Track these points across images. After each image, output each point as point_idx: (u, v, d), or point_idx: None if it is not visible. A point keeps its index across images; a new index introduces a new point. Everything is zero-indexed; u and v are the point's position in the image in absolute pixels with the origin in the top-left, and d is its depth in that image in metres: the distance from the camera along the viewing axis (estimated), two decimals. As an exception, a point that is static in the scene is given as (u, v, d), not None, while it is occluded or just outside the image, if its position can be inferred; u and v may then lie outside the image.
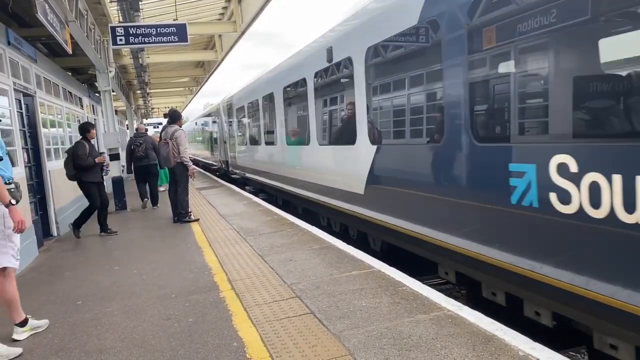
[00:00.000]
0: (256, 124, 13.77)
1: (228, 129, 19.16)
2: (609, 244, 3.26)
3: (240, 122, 16.44)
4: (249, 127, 14.99)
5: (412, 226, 5.72)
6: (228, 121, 19.04)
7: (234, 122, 17.63)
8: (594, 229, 3.33)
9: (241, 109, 15.97)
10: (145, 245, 7.75)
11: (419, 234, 5.56)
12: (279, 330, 3.89)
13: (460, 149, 4.76)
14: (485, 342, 3.40)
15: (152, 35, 11.00)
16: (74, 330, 4.33)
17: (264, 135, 12.89)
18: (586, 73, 3.58)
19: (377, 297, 4.45)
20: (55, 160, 9.96)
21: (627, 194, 3.07)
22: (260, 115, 13.22)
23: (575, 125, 3.56)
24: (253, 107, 13.99)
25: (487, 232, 4.49)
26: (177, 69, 25.60)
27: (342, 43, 7.41)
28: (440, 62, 4.96)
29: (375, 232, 6.99)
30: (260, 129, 13.23)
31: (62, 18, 8.03)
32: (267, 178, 12.88)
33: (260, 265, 5.86)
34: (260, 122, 13.26)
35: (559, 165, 3.55)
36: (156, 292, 5.23)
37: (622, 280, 3.21)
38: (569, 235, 3.58)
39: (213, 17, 16.82)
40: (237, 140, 17.20)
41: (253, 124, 14.31)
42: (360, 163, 6.86)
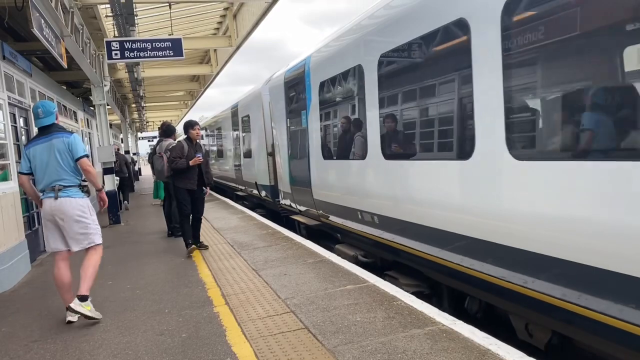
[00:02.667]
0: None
1: (285, 131, 9.95)
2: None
3: (328, 114, 7.92)
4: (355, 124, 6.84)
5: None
6: (287, 116, 9.81)
7: (309, 116, 8.43)
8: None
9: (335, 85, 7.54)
10: (139, 259, 7.71)
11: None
12: (272, 346, 3.88)
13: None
14: (479, 356, 3.39)
15: (148, 50, 11.04)
16: (67, 346, 4.29)
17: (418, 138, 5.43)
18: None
19: (372, 311, 4.44)
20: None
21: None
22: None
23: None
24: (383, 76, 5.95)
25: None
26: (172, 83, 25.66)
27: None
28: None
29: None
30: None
31: (58, 33, 8.06)
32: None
33: (254, 280, 5.84)
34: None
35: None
36: (150, 307, 5.19)
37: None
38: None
39: (208, 31, 16.92)
40: (313, 149, 8.35)
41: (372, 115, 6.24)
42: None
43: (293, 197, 9.64)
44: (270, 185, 11.60)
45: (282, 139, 10.15)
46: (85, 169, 4.86)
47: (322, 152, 7.91)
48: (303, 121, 8.62)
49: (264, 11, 12.15)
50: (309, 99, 8.22)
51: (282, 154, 10.19)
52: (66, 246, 4.99)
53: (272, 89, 10.96)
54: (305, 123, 8.45)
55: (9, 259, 6.63)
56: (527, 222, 3.79)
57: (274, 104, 10.72)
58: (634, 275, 2.98)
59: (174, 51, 11.27)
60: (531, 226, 3.75)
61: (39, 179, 4.90)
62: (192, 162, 7.33)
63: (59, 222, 4.86)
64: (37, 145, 4.88)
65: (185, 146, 7.47)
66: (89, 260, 5.00)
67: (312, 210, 8.59)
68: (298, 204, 9.47)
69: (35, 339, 4.53)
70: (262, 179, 12.34)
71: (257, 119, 12.58)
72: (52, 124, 4.97)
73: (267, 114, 11.64)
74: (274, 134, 10.88)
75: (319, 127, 7.99)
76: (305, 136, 8.58)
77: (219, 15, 15.49)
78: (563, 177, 3.49)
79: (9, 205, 6.87)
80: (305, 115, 8.43)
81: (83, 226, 4.91)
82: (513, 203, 3.96)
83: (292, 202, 9.90)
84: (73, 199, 4.85)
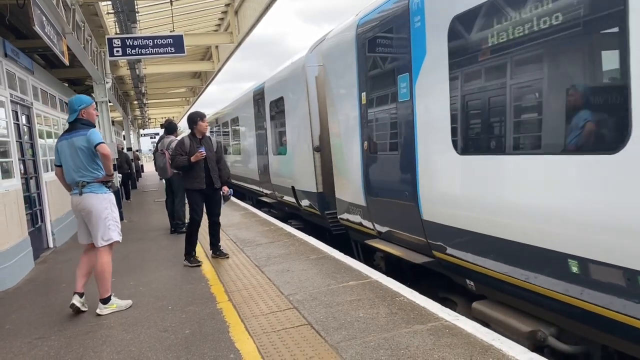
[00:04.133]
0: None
1: (357, 112, 6.70)
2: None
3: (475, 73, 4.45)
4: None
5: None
6: (361, 88, 6.56)
7: (417, 83, 5.21)
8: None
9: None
10: (141, 256, 7.73)
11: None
12: (276, 342, 3.88)
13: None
14: (482, 352, 3.40)
15: (149, 47, 11.04)
16: (70, 343, 4.30)
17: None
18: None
19: (375, 307, 4.44)
20: (52, 171, 9.94)
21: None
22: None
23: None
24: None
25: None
26: (174, 80, 25.65)
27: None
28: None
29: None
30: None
31: (59, 30, 8.06)
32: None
33: (257, 276, 5.85)
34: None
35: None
36: (153, 303, 5.21)
37: None
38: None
39: (210, 28, 16.88)
40: (426, 137, 5.13)
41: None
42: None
43: (370, 212, 6.54)
44: (318, 192, 8.58)
45: (348, 124, 6.96)
46: (103, 153, 4.94)
47: (454, 143, 4.59)
48: (402, 91, 5.42)
49: (266, 7, 12.13)
50: (420, 53, 5.05)
51: (348, 147, 7.02)
52: (90, 240, 5.18)
53: (329, 53, 7.62)
54: (408, 94, 5.29)
55: (13, 256, 6.65)
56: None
57: (333, 74, 7.44)
58: None
59: (175, 48, 11.28)
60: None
61: (66, 174, 5.08)
62: (194, 158, 6.54)
63: (83, 217, 5.07)
64: (63, 141, 5.06)
65: (187, 142, 6.73)
66: (101, 260, 5.05)
67: (415, 237, 5.47)
68: (379, 224, 6.38)
69: (39, 336, 4.54)
70: (303, 183, 9.23)
71: (297, 101, 9.34)
72: (76, 120, 5.08)
73: (312, 93, 8.59)
74: (330, 120, 7.69)
75: (444, 97, 4.66)
76: (407, 116, 5.35)
77: (220, 11, 15.47)
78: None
79: (12, 202, 6.89)
80: (408, 82, 5.27)
81: (103, 222, 5.01)
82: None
83: (365, 220, 6.75)
84: (95, 195, 4.98)
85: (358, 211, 6.93)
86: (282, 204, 11.39)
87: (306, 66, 8.77)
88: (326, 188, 8.40)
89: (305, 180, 9.08)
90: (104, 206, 5.02)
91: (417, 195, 5.23)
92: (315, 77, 8.60)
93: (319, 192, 8.59)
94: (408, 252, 5.70)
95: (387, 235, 6.26)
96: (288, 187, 10.18)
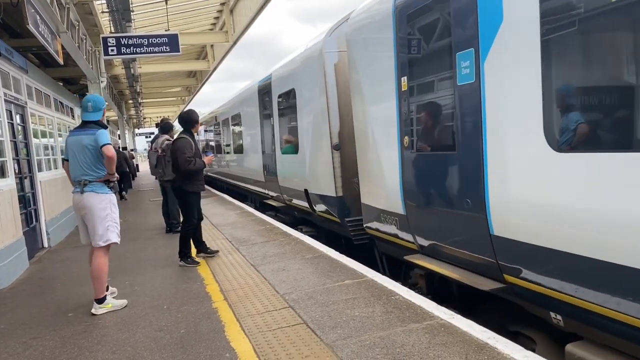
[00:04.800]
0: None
1: (393, 101, 5.55)
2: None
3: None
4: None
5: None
6: (402, 71, 5.38)
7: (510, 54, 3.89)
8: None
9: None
10: (137, 256, 7.71)
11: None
12: (271, 341, 3.88)
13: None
14: (477, 350, 3.40)
15: (144, 46, 11.03)
16: (65, 343, 4.29)
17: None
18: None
19: (370, 306, 4.45)
20: (47, 171, 9.91)
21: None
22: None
23: None
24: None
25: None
26: (169, 79, 25.63)
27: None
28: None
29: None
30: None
31: (54, 29, 8.04)
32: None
33: (252, 275, 5.84)
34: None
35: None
36: (148, 303, 5.20)
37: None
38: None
39: (205, 27, 16.88)
40: (514, 127, 3.86)
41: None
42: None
43: (410, 222, 5.43)
44: (337, 196, 7.62)
45: (380, 117, 5.97)
46: (107, 155, 4.94)
47: (549, 137, 3.50)
48: (463, 72, 4.29)
49: (261, 6, 12.14)
50: (492, 20, 3.94)
51: (380, 144, 6.04)
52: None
53: (356, 34, 6.48)
54: (473, 75, 4.15)
55: (7, 256, 6.62)
56: None
57: (361, 58, 6.34)
58: None
59: (170, 47, 11.27)
60: None
61: (71, 169, 5.11)
62: (208, 161, 6.72)
63: (83, 216, 5.07)
64: (72, 137, 5.11)
65: (194, 143, 6.62)
66: (97, 260, 5.04)
67: (478, 256, 4.37)
68: (423, 237, 5.28)
69: (34, 336, 4.53)
70: (319, 185, 8.22)
71: (311, 93, 8.27)
72: (96, 120, 5.12)
73: (331, 83, 7.60)
74: (356, 113, 6.62)
75: (533, 77, 3.58)
76: (471, 103, 4.23)
77: (215, 10, 15.47)
78: None
79: (6, 202, 6.86)
80: (473, 60, 4.13)
81: (102, 222, 5.00)
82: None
83: (402, 231, 5.63)
84: (96, 194, 4.98)
85: (393, 220, 5.80)
86: (291, 208, 10.22)
87: (324, 52, 7.62)
88: (347, 192, 7.50)
89: (322, 182, 8.06)
90: (104, 206, 5.01)
91: (484, 205, 4.10)
92: (334, 65, 7.58)
93: (339, 197, 7.59)
94: (468, 275, 4.53)
95: (432, 251, 5.12)
96: (299, 189, 9.13)
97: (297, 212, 9.99)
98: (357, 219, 7.18)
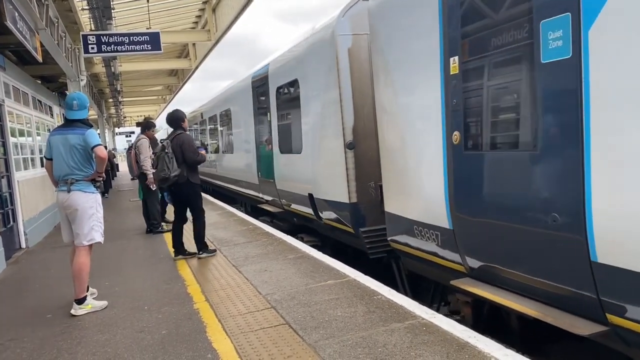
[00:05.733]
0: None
1: (454, 87, 4.30)
2: None
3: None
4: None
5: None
6: (459, 49, 4.23)
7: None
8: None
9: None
10: (117, 257, 7.62)
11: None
12: (253, 342, 3.87)
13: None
14: (459, 349, 3.44)
15: (125, 44, 10.92)
16: (44, 344, 4.22)
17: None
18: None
19: (353, 306, 4.46)
20: (24, 170, 9.75)
21: None
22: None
23: None
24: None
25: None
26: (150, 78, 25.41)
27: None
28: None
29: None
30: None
31: (32, 26, 7.91)
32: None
33: (234, 276, 5.82)
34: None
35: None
36: (129, 304, 5.14)
37: None
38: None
39: (187, 25, 16.77)
40: None
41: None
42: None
43: (458, 238, 4.42)
44: (351, 203, 6.62)
45: (416, 108, 4.95)
46: (99, 155, 4.93)
47: None
48: (551, 46, 3.32)
49: (243, 5, 12.09)
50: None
51: (416, 141, 5.02)
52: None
53: (383, 8, 5.44)
54: (569, 49, 3.21)
55: (-17, 256, 6.49)
56: None
57: (390, 38, 5.31)
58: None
59: (152, 45, 11.18)
60: None
61: (55, 169, 5.03)
62: (204, 154, 7.08)
63: (68, 214, 5.02)
64: (56, 136, 5.02)
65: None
66: (79, 259, 4.99)
67: (568, 288, 3.42)
68: (476, 257, 4.28)
69: (11, 338, 4.45)
70: (328, 190, 7.29)
71: (320, 83, 7.31)
72: (81, 119, 5.09)
73: (344, 71, 6.59)
74: (382, 102, 5.64)
75: None
76: (564, 87, 3.28)
77: (197, 8, 15.38)
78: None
79: (-17, 202, 6.73)
80: (569, 29, 3.20)
81: (87, 221, 4.98)
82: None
83: (445, 249, 4.64)
84: (83, 193, 4.96)
85: (433, 235, 4.77)
86: (290, 214, 9.19)
87: (337, 35, 6.59)
88: (362, 197, 6.58)
89: (331, 186, 7.09)
90: (90, 205, 4.99)
91: (583, 222, 3.15)
92: (347, 50, 6.62)
93: (353, 203, 6.60)
94: (556, 313, 3.49)
95: (489, 275, 4.15)
96: (302, 194, 8.17)
97: (296, 219, 8.99)
98: (373, 229, 6.45)
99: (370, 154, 6.32)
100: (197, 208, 6.95)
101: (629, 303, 2.98)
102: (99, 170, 5.05)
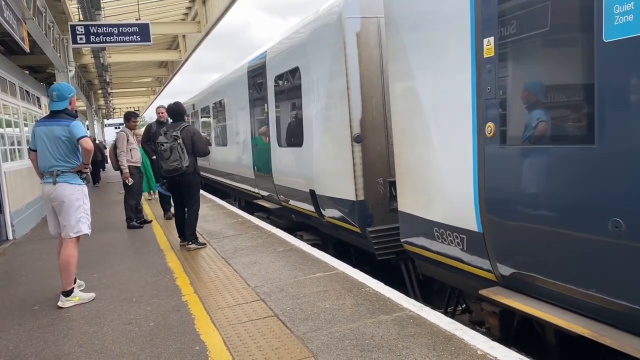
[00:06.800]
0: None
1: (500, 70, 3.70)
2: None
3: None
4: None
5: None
6: (494, 29, 3.66)
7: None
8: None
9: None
10: (105, 249, 7.58)
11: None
12: (242, 334, 3.88)
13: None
14: (445, 341, 3.47)
15: (114, 35, 10.84)
16: (30, 336, 4.20)
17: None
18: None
19: (341, 298, 4.48)
20: (11, 161, 9.65)
21: None
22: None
23: None
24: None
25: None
26: (139, 69, 25.22)
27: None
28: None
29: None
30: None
31: (19, 15, 7.82)
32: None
33: (223, 269, 5.82)
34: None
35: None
36: (117, 296, 5.13)
37: None
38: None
39: (177, 17, 16.65)
40: None
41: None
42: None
43: (489, 243, 3.96)
44: (357, 200, 6.22)
45: (441, 96, 4.41)
46: (86, 148, 4.88)
47: None
48: (620, 21, 2.77)
49: (234, -3, 12.01)
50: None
51: (439, 133, 4.45)
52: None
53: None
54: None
55: (-31, 248, 6.44)
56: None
57: (409, 14, 4.77)
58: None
59: (141, 36, 11.09)
60: None
61: (39, 160, 4.98)
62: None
63: (54, 206, 4.98)
64: (41, 127, 4.96)
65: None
66: (66, 251, 4.97)
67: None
68: (509, 264, 3.82)
69: (-2, 330, 4.43)
70: (331, 186, 6.87)
71: (324, 71, 6.79)
72: (63, 109, 5.00)
73: (352, 57, 6.14)
74: (397, 90, 5.09)
75: None
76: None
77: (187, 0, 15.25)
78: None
79: (-31, 193, 6.67)
80: None
81: (74, 213, 4.94)
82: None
83: (473, 254, 4.17)
84: (69, 185, 4.91)
85: (458, 239, 4.30)
86: (288, 211, 8.76)
87: (344, 17, 6.08)
88: (369, 195, 6.21)
89: (336, 182, 6.71)
90: (77, 197, 4.95)
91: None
92: (355, 34, 6.13)
93: (360, 201, 6.20)
94: (612, 332, 3.01)
95: (523, 285, 3.71)
96: (302, 189, 7.75)
97: (295, 216, 8.56)
98: (381, 229, 6.13)
99: (379, 148, 6.05)
100: (195, 199, 6.96)
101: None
102: (84, 162, 5.02)
